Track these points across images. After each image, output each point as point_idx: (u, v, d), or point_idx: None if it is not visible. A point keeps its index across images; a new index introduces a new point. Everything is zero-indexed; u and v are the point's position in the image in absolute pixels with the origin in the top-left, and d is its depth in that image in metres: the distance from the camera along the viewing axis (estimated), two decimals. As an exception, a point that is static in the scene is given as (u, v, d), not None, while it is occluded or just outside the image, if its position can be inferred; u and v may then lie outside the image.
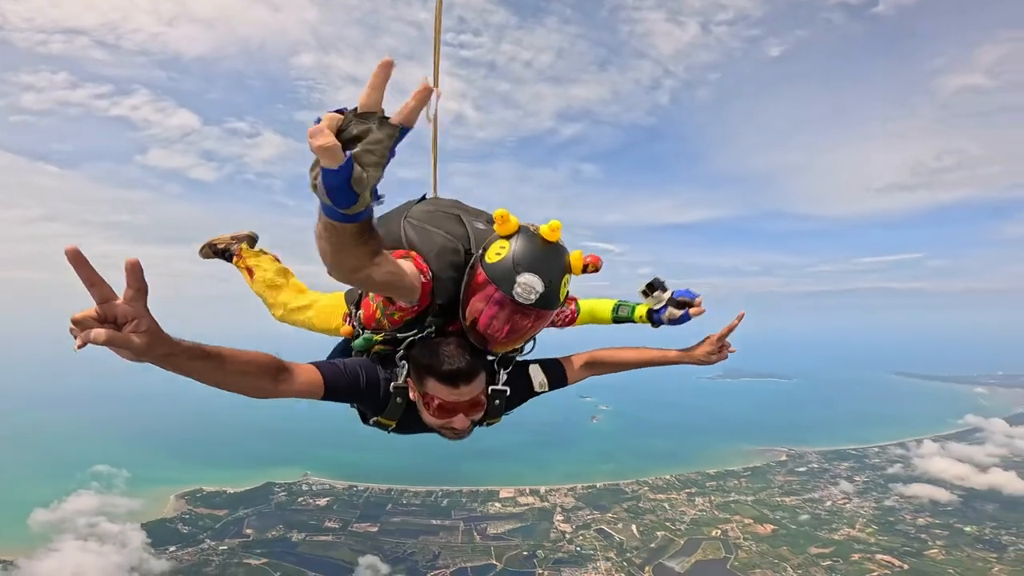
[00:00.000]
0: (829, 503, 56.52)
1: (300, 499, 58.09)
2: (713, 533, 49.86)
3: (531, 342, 2.89)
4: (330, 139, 1.33)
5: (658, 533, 50.07)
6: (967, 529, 49.96)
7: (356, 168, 1.39)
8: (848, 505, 55.95)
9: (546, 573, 44.28)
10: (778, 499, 57.61)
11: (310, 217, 3.00)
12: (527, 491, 59.96)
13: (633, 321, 3.33)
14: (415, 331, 2.56)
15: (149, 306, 1.55)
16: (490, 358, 2.73)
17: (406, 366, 2.61)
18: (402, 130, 1.42)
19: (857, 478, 63.47)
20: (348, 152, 1.37)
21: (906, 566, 43.93)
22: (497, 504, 57.21)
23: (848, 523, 51.54)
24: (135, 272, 1.47)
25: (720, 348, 3.13)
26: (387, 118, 1.40)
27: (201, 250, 4.33)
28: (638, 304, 3.32)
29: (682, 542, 48.41)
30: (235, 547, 47.37)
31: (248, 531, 50.34)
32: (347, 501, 57.68)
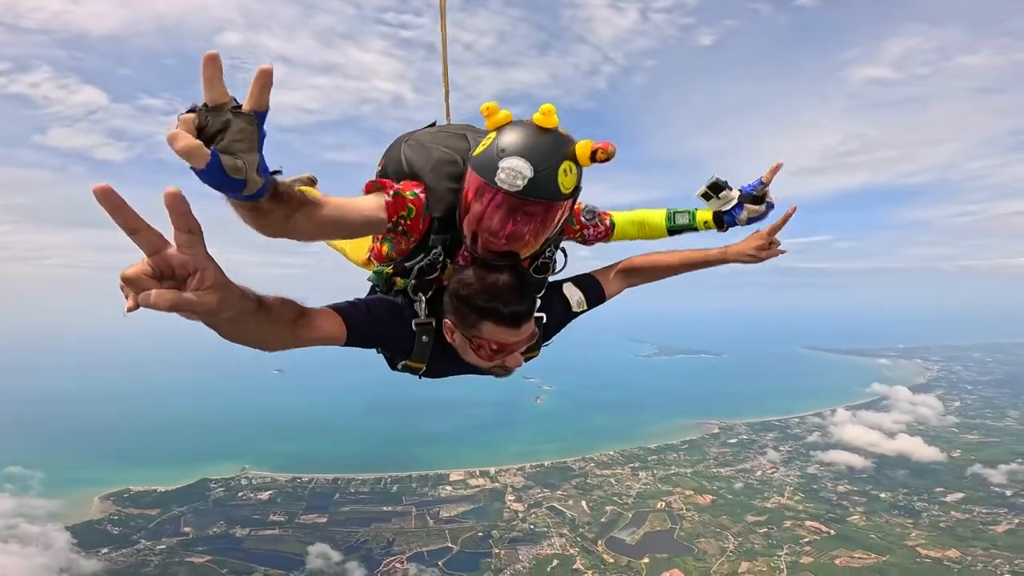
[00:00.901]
0: (759, 472, 59.86)
1: (240, 494, 55.47)
2: (658, 505, 51.86)
3: (562, 257, 2.71)
4: (189, 140, 1.24)
5: (607, 508, 51.53)
6: (883, 495, 53.68)
7: (227, 159, 1.31)
8: (776, 474, 59.34)
9: (503, 552, 44.62)
10: (714, 470, 60.53)
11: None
12: (477, 473, 60.13)
13: (695, 229, 2.96)
14: (421, 255, 2.37)
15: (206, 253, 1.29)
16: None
17: (423, 299, 2.44)
18: (258, 115, 1.35)
19: (782, 447, 67.42)
20: (212, 148, 1.28)
21: (832, 532, 46.90)
22: (448, 487, 57.04)
23: (778, 491, 54.72)
24: (179, 207, 1.16)
25: (770, 244, 2.88)
26: (239, 106, 1.33)
27: None
28: (698, 210, 2.94)
29: (630, 515, 50.00)
30: (174, 546, 44.79)
31: (187, 529, 47.62)
32: (291, 493, 55.67)
